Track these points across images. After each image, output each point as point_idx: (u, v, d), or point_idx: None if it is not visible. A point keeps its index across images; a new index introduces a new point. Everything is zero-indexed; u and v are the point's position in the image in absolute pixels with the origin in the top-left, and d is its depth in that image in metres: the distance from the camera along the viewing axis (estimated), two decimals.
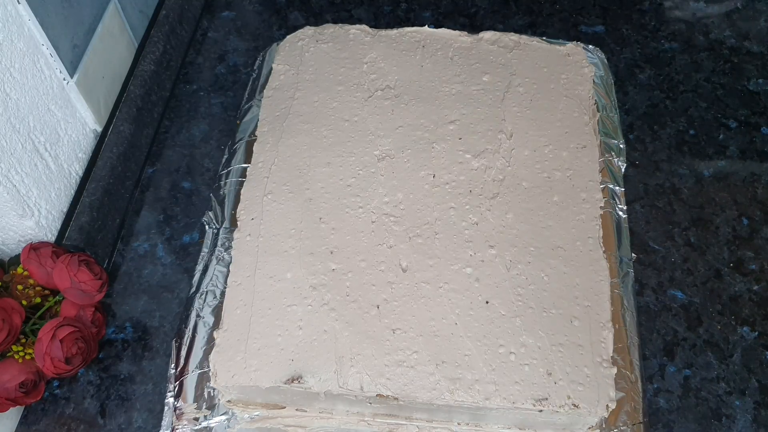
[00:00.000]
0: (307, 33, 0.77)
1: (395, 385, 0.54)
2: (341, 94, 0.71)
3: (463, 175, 0.65)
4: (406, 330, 0.56)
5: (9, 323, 0.58)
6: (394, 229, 0.62)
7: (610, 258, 0.62)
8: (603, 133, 0.71)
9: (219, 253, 0.66)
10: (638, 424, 0.57)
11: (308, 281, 0.59)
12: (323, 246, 0.61)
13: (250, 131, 0.73)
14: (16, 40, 0.59)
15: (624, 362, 0.59)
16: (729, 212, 0.74)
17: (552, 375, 0.54)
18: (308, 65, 0.74)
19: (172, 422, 0.59)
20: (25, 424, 0.63)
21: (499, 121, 0.69)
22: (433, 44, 0.75)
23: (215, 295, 0.63)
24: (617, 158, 0.71)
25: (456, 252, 0.60)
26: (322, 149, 0.67)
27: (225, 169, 0.72)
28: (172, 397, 0.60)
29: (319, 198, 0.64)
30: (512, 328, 0.56)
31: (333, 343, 0.56)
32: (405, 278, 0.59)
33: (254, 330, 0.57)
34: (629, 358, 0.59)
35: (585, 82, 0.72)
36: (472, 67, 0.73)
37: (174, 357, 0.62)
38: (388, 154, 0.66)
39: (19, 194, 0.61)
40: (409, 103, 0.70)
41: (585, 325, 0.57)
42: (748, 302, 0.68)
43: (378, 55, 0.75)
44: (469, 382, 0.54)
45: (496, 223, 0.62)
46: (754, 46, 0.88)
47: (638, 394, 0.58)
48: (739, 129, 0.81)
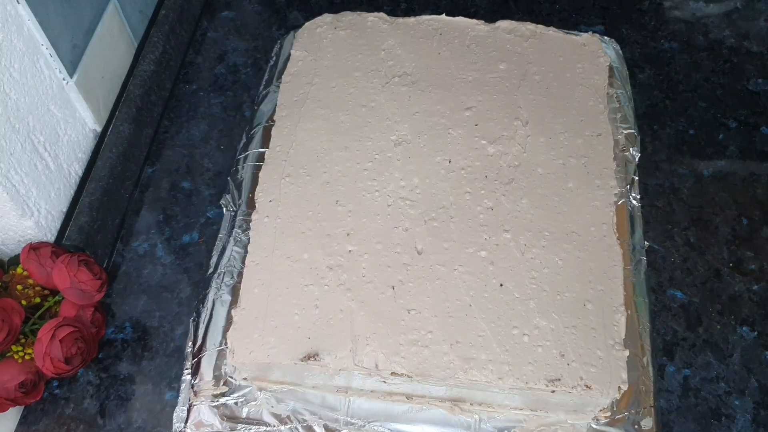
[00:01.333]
0: (326, 20, 0.78)
1: (410, 363, 0.55)
2: (359, 80, 0.72)
3: (478, 160, 0.66)
4: (421, 310, 0.57)
5: (9, 323, 0.58)
6: (410, 212, 0.63)
7: (623, 245, 0.63)
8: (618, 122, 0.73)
9: (237, 235, 0.67)
10: (649, 407, 0.58)
11: (325, 262, 0.60)
12: (340, 228, 0.62)
13: (268, 116, 0.74)
14: (15, 40, 0.59)
15: (635, 347, 0.59)
16: (729, 212, 0.74)
17: (565, 356, 0.55)
18: (326, 52, 0.75)
19: (189, 399, 0.59)
20: (24, 424, 0.63)
21: (515, 108, 0.69)
22: (450, 32, 0.76)
23: (233, 275, 0.64)
24: (631, 147, 0.72)
25: (471, 236, 0.61)
26: (339, 134, 0.68)
27: (242, 153, 0.73)
28: (189, 374, 0.61)
29: (336, 181, 0.65)
30: (526, 310, 0.57)
31: (349, 322, 0.57)
32: (420, 260, 0.60)
33: (272, 309, 0.58)
34: (641, 342, 0.60)
35: (600, 71, 0.73)
36: (489, 55, 0.74)
37: (191, 335, 0.62)
38: (405, 140, 0.67)
39: (18, 194, 0.61)
40: (426, 90, 0.71)
41: (598, 308, 0.57)
42: (748, 302, 0.68)
43: (395, 42, 0.75)
44: (483, 362, 0.55)
45: (511, 208, 0.63)
46: (753, 46, 0.88)
47: (649, 378, 0.59)
48: (738, 129, 0.81)
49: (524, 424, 0.58)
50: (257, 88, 0.81)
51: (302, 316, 0.57)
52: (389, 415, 0.59)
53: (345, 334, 0.56)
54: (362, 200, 0.64)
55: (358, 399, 0.60)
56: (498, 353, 0.55)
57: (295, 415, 0.59)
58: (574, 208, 0.63)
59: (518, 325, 0.56)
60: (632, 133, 0.73)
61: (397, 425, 0.59)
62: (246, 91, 0.85)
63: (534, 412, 0.59)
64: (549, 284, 0.59)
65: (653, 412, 0.58)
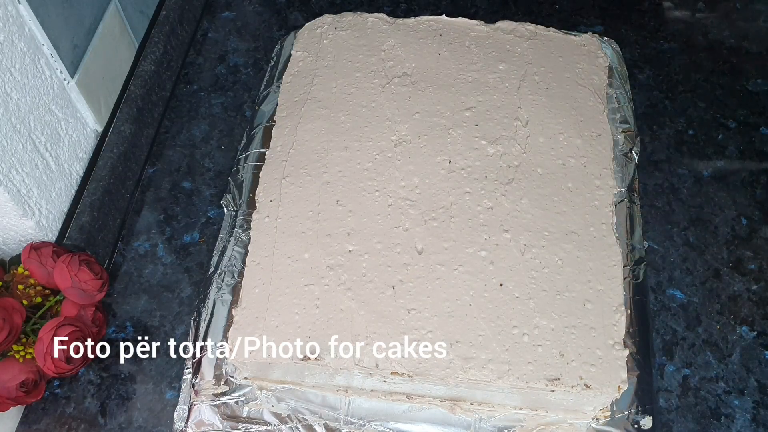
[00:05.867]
0: (326, 20, 0.78)
1: (410, 362, 0.55)
2: (359, 80, 0.72)
3: (478, 160, 0.66)
4: (421, 310, 0.57)
5: (10, 323, 0.58)
6: (410, 212, 0.63)
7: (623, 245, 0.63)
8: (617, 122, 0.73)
9: (237, 235, 0.67)
10: (648, 406, 0.58)
11: (325, 261, 0.60)
12: (340, 228, 0.62)
13: (269, 116, 0.74)
14: (16, 40, 0.59)
15: (635, 346, 0.60)
16: (728, 212, 0.74)
17: (564, 356, 0.55)
18: (327, 52, 0.75)
19: (190, 398, 0.60)
20: (25, 424, 0.63)
21: (515, 108, 0.70)
22: (450, 33, 0.76)
23: (233, 274, 0.64)
24: (631, 148, 0.72)
25: (471, 235, 0.61)
26: (339, 134, 0.68)
27: (243, 153, 0.73)
28: (190, 374, 0.61)
29: (337, 181, 0.65)
30: (525, 310, 0.57)
31: (349, 322, 0.57)
32: (420, 260, 0.60)
33: (272, 308, 0.58)
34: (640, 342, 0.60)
35: (600, 72, 0.73)
36: (489, 56, 0.74)
37: (192, 335, 0.62)
38: (405, 140, 0.67)
39: (19, 194, 0.61)
40: (426, 90, 0.71)
41: (597, 308, 0.58)
42: (747, 302, 0.68)
43: (396, 42, 0.75)
44: (483, 361, 0.55)
45: (511, 208, 0.63)
46: (753, 46, 0.88)
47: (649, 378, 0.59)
48: (738, 129, 0.81)
49: (524, 423, 0.59)
50: (258, 89, 0.81)
51: (303, 316, 0.57)
52: (389, 414, 0.59)
53: (345, 333, 0.56)
54: (362, 200, 0.64)
55: (358, 398, 0.60)
56: (498, 353, 0.55)
57: (296, 414, 0.59)
58: (574, 208, 0.63)
59: (518, 325, 0.57)
60: (632, 133, 0.73)
61: (397, 424, 0.59)
62: (246, 92, 0.85)
63: (534, 411, 0.59)
64: (549, 284, 0.59)
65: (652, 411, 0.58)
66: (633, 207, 0.69)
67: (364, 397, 0.60)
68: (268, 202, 0.65)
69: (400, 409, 0.59)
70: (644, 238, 0.68)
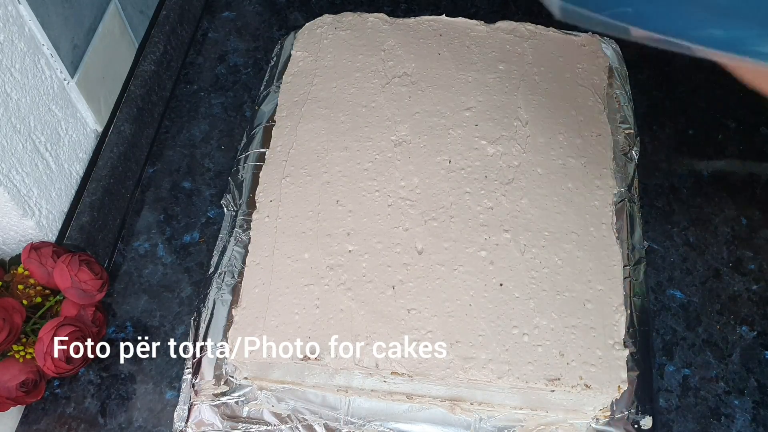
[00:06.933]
0: (326, 20, 0.78)
1: (409, 362, 0.55)
2: (359, 80, 0.72)
3: (478, 160, 0.66)
4: (421, 310, 0.57)
5: (10, 323, 0.58)
6: (410, 212, 0.63)
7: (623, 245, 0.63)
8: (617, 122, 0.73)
9: (237, 235, 0.67)
10: (648, 406, 0.58)
11: (325, 262, 0.60)
12: (340, 228, 0.62)
13: (269, 116, 0.74)
14: (16, 40, 0.59)
15: (635, 346, 0.60)
16: (728, 212, 0.74)
17: (564, 356, 0.55)
18: (327, 52, 0.75)
19: (190, 398, 0.60)
20: (25, 424, 0.63)
21: (515, 108, 0.70)
22: (450, 33, 0.76)
23: (233, 275, 0.64)
24: (631, 148, 0.72)
25: (471, 235, 0.61)
26: (339, 134, 0.68)
27: (243, 153, 0.73)
28: (190, 374, 0.61)
29: (337, 181, 0.65)
30: (526, 310, 0.57)
31: (349, 322, 0.57)
32: (420, 260, 0.60)
33: (272, 308, 0.58)
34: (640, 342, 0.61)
35: (600, 72, 0.73)
36: (489, 56, 0.74)
37: (192, 335, 0.62)
38: (405, 140, 0.67)
39: (19, 194, 0.61)
40: (426, 90, 0.71)
41: (597, 308, 0.58)
42: (747, 302, 0.68)
43: (396, 42, 0.75)
44: (483, 361, 0.55)
45: (511, 208, 0.63)
46: None
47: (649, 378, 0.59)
48: (738, 129, 0.81)
49: (524, 423, 0.59)
50: (258, 89, 0.81)
51: (302, 316, 0.58)
52: (389, 414, 0.59)
53: (345, 333, 0.56)
54: (362, 200, 0.64)
55: (358, 398, 0.60)
56: (498, 353, 0.55)
57: (296, 414, 0.59)
58: (574, 208, 0.63)
59: (518, 325, 0.57)
60: (632, 133, 0.73)
61: (397, 424, 0.59)
62: (246, 92, 0.85)
63: (534, 411, 0.59)
64: (548, 284, 0.59)
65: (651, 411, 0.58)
66: (633, 207, 0.69)
67: (364, 397, 0.60)
68: (268, 202, 0.65)
69: (400, 409, 0.59)
70: (644, 238, 0.68)
